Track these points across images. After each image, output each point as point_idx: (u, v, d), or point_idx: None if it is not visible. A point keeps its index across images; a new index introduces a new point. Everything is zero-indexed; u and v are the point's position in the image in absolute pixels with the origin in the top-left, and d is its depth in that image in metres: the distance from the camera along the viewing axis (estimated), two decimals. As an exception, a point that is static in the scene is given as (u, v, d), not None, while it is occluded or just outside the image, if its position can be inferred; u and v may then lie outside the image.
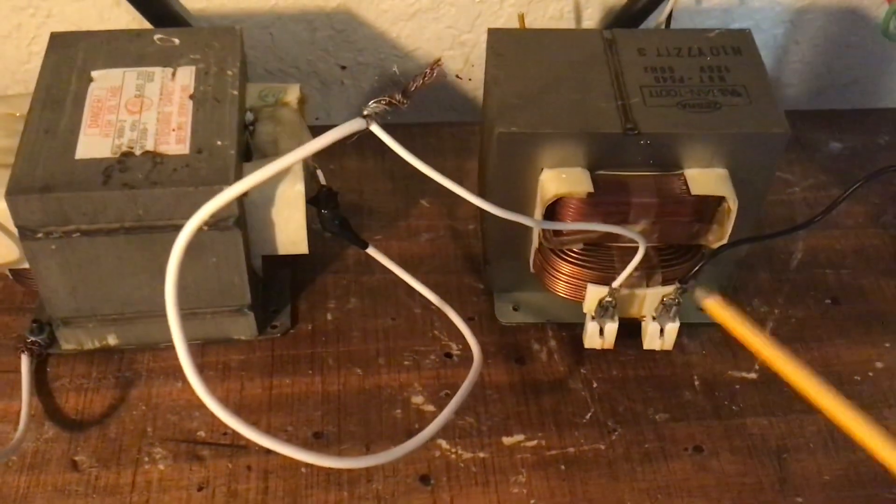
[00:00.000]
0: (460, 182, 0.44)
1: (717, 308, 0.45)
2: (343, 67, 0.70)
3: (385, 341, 0.54)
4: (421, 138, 0.67)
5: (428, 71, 0.36)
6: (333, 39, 0.68)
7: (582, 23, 0.69)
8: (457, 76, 0.71)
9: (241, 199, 0.48)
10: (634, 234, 0.47)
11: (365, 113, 0.37)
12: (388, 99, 0.36)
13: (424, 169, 0.40)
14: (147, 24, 0.64)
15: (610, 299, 0.50)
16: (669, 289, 0.50)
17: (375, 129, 0.37)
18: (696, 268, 0.49)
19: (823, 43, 0.73)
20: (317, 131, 0.56)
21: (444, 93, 0.72)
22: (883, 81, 0.77)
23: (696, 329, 0.55)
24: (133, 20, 0.64)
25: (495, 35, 0.53)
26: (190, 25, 0.65)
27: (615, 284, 0.49)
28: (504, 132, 0.48)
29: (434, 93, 0.71)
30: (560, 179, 0.48)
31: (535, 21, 0.68)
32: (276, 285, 0.56)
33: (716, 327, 0.55)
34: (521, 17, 0.61)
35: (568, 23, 0.69)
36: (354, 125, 0.36)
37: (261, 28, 0.67)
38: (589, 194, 0.48)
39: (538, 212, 0.49)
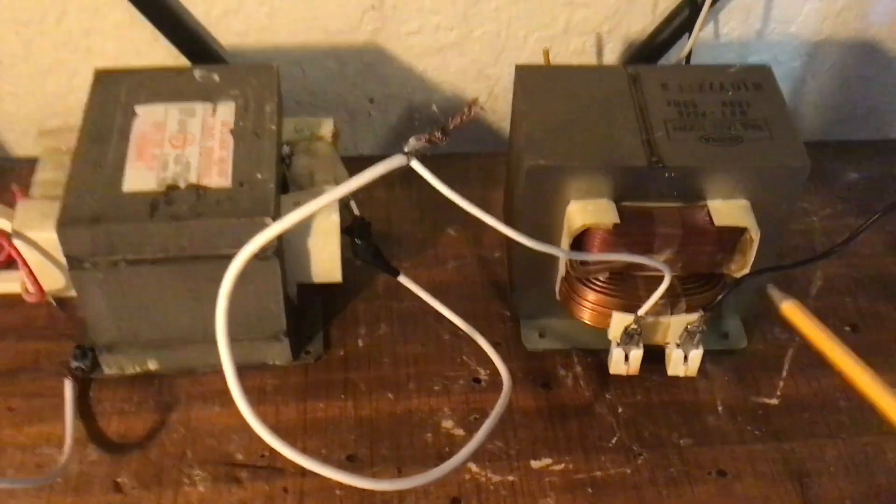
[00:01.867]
0: (486, 211, 0.46)
1: (794, 313, 0.47)
2: (371, 100, 0.72)
3: (415, 366, 0.56)
4: (447, 169, 0.68)
5: (466, 109, 0.38)
6: (362, 73, 0.70)
7: (603, 57, 0.71)
8: (481, 108, 0.73)
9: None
10: (660, 264, 0.49)
11: (406, 150, 0.38)
12: (428, 136, 0.38)
13: (460, 201, 0.42)
14: (184, 60, 0.66)
15: (635, 327, 0.51)
16: (694, 316, 0.51)
17: (416, 165, 0.39)
18: (721, 296, 0.51)
19: (840, 75, 0.75)
20: (347, 161, 0.59)
21: (469, 124, 0.74)
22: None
23: (719, 356, 0.57)
24: (169, 56, 0.67)
25: (523, 71, 0.55)
26: (225, 61, 0.67)
27: (641, 312, 0.50)
28: (533, 165, 0.49)
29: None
30: (587, 211, 0.50)
31: (559, 56, 0.70)
32: (310, 312, 0.57)
33: (738, 354, 0.57)
34: (546, 53, 0.63)
35: (590, 57, 0.71)
36: (395, 161, 0.38)
37: (291, 62, 0.69)
38: (615, 225, 0.50)
39: (565, 242, 0.51)
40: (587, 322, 0.54)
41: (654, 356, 0.54)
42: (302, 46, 0.68)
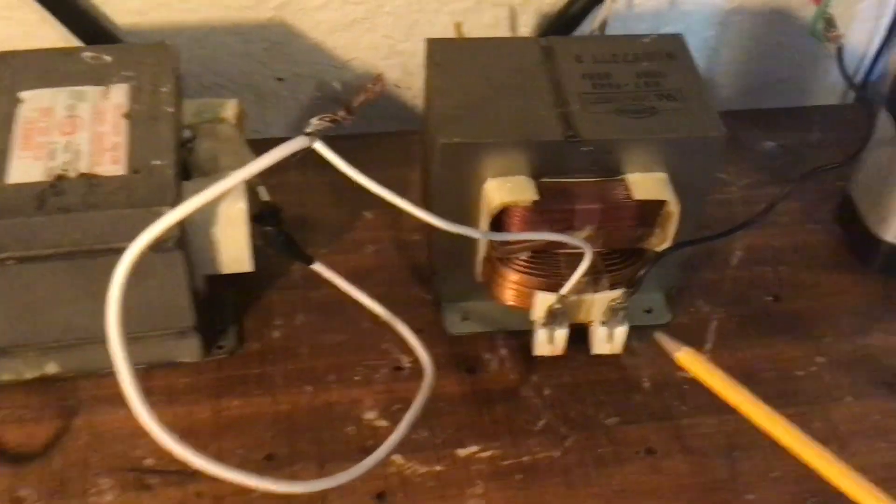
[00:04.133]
0: (404, 193, 0.44)
1: (689, 361, 0.46)
2: (280, 79, 0.69)
3: (335, 357, 0.53)
4: (363, 150, 0.65)
5: (370, 86, 0.36)
6: (269, 52, 0.67)
7: (517, 30, 0.70)
8: (395, 86, 0.71)
9: (182, 220, 0.47)
10: (580, 242, 0.47)
11: (308, 131, 0.36)
12: (331, 116, 0.36)
13: (369, 184, 0.40)
14: (76, 42, 0.62)
15: (559, 306, 0.50)
16: (617, 293, 0.50)
17: (319, 146, 0.37)
18: (642, 272, 0.50)
19: (754, 43, 0.75)
20: (255, 145, 0.56)
21: (384, 102, 0.72)
22: (814, 79, 0.79)
23: (644, 331, 0.56)
24: (61, 38, 0.63)
25: (434, 45, 0.53)
26: (121, 42, 0.63)
27: (563, 291, 0.49)
28: (447, 143, 0.47)
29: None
30: (505, 188, 0.48)
31: (472, 29, 0.68)
32: (222, 304, 0.54)
33: (662, 329, 0.56)
34: (458, 26, 0.61)
35: (503, 30, 0.69)
36: (298, 143, 0.36)
37: (193, 42, 0.65)
38: (534, 202, 0.48)
39: (484, 222, 0.49)
40: (511, 303, 0.53)
41: (579, 335, 0.53)
42: (203, 24, 0.65)
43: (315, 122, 0.36)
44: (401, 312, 0.55)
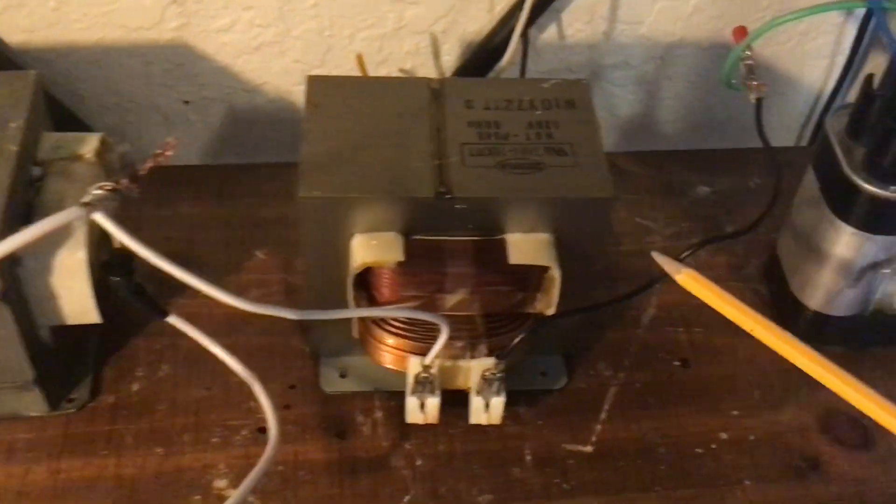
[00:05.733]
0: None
1: (691, 283, 0.44)
2: (186, 102, 0.66)
3: (195, 415, 0.50)
4: (259, 181, 0.62)
5: (159, 151, 0.32)
6: (172, 73, 0.64)
7: (441, 58, 0.65)
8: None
9: (13, 269, 0.43)
10: (436, 318, 0.43)
11: (85, 201, 0.32)
12: (112, 185, 0.32)
13: (149, 256, 0.36)
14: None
15: (426, 375, 0.46)
16: (489, 362, 0.46)
17: (100, 218, 0.33)
18: (516, 340, 0.46)
19: (696, 79, 0.70)
20: (164, 172, 0.52)
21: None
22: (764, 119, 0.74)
23: (536, 397, 0.52)
24: (-57, 54, 0.59)
25: (314, 84, 0.49)
26: (14, 62, 0.60)
27: (426, 361, 0.45)
28: (306, 196, 0.44)
29: (277, 133, 0.67)
30: (370, 247, 0.45)
31: (392, 56, 0.65)
32: (80, 353, 0.51)
33: (556, 394, 0.53)
34: (360, 59, 0.57)
35: (425, 58, 0.65)
36: (70, 215, 0.32)
37: (89, 62, 0.62)
38: (399, 263, 0.44)
39: (348, 281, 0.45)
40: (388, 365, 0.49)
41: (462, 399, 0.49)
42: (99, 44, 0.61)
43: (94, 192, 0.33)
44: (276, 365, 0.52)
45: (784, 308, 0.56)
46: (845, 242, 0.50)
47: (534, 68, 0.67)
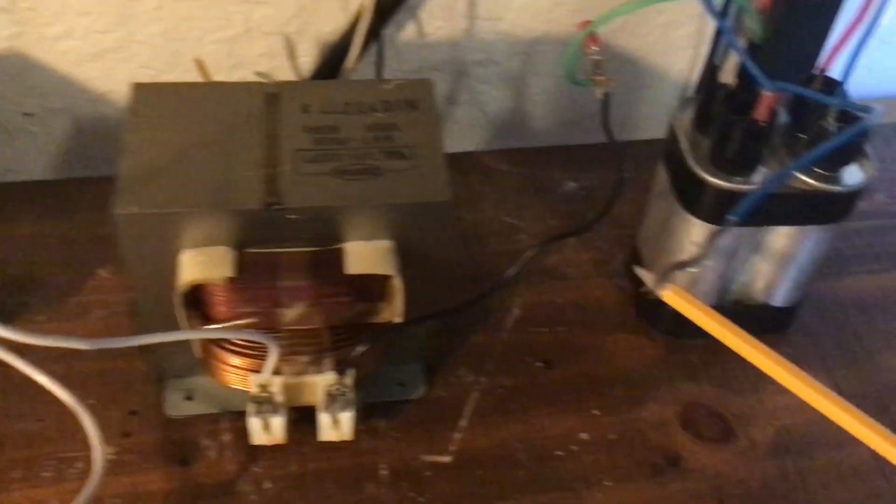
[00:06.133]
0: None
1: (674, 299, 0.45)
2: (28, 115, 0.62)
3: (26, 449, 0.47)
4: (104, 195, 0.59)
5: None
6: (8, 85, 0.60)
7: (297, 59, 0.63)
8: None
9: None
10: (263, 337, 0.41)
11: None
12: None
13: None
14: None
15: (265, 394, 0.44)
16: (331, 378, 0.44)
17: None
18: (354, 355, 0.44)
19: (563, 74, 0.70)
20: (10, 189, 0.48)
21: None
22: (633, 112, 0.74)
23: (394, 408, 0.50)
24: None
25: (139, 91, 0.46)
26: None
27: (261, 380, 0.43)
28: (122, 213, 0.41)
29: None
30: (197, 263, 0.42)
31: (245, 58, 0.62)
32: None
33: (416, 404, 0.51)
34: (200, 63, 0.54)
35: (280, 60, 0.63)
36: None
37: (-87, 74, 0.58)
38: (230, 278, 0.42)
39: (176, 299, 0.43)
40: (233, 386, 0.47)
41: (312, 416, 0.47)
42: (-79, 55, 0.57)
43: None
44: (116, 392, 0.49)
45: (645, 303, 0.56)
46: (696, 235, 0.49)
47: (397, 67, 0.65)
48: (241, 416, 0.48)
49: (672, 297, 0.46)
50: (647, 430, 0.51)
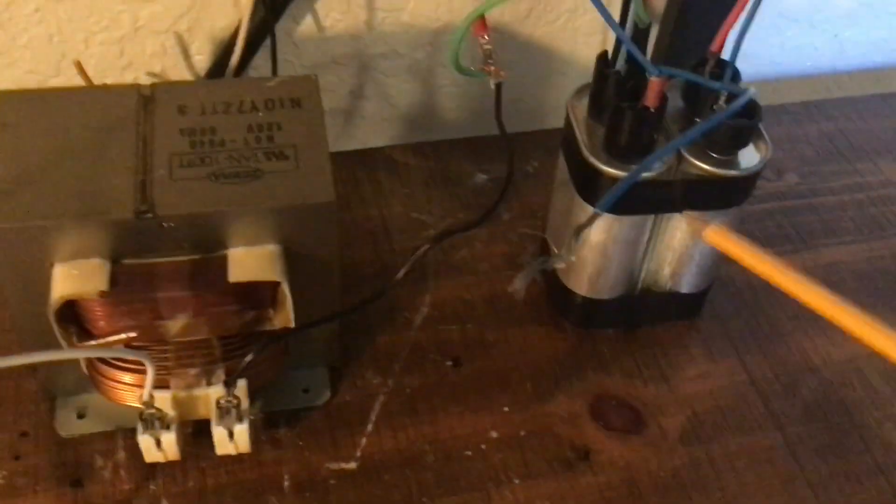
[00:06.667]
0: None
1: (717, 238, 0.42)
2: None
3: None
4: None
5: None
6: None
7: (192, 57, 0.61)
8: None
9: None
10: (137, 354, 0.39)
11: None
12: None
13: None
14: None
15: (151, 411, 0.42)
16: (219, 390, 0.43)
17: None
18: (244, 363, 0.42)
19: (468, 61, 0.68)
20: None
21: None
22: (545, 99, 0.73)
23: (298, 415, 0.49)
24: None
25: (5, 100, 0.44)
26: None
27: (144, 398, 0.41)
28: (-18, 228, 0.39)
29: None
30: (70, 277, 0.40)
31: (136, 59, 0.60)
32: None
33: (320, 410, 0.50)
34: (79, 65, 0.52)
35: (173, 60, 0.61)
36: None
37: None
38: (105, 292, 0.40)
39: (50, 315, 0.41)
40: (125, 403, 0.45)
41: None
42: None
43: None
44: (5, 412, 0.47)
45: (556, 296, 0.55)
46: (596, 226, 0.48)
47: (297, 62, 0.63)
48: (135, 432, 0.47)
49: (715, 236, 0.43)
50: (558, 423, 0.50)
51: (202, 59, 0.61)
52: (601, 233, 0.48)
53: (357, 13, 0.62)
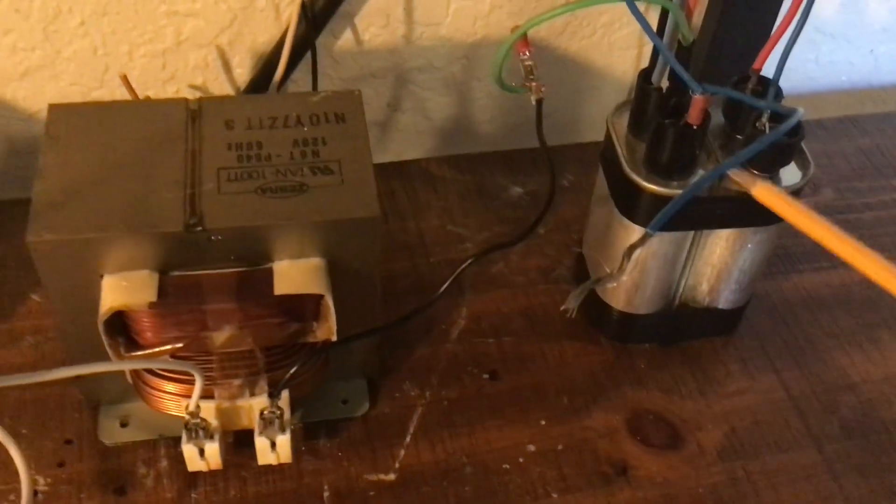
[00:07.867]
0: None
1: (766, 195, 0.42)
2: (-46, 138, 0.60)
3: (-46, 484, 0.45)
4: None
5: None
6: (-68, 107, 0.58)
7: (233, 71, 0.62)
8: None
9: None
10: (185, 365, 0.40)
11: None
12: None
13: None
14: None
15: (196, 421, 0.43)
16: (263, 401, 0.43)
17: None
18: (287, 377, 0.43)
19: (507, 76, 0.69)
20: None
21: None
22: (580, 113, 0.73)
23: (337, 426, 0.49)
24: None
25: (55, 113, 0.45)
26: None
27: (191, 408, 0.42)
28: (36, 241, 0.40)
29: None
30: (119, 288, 0.41)
31: (178, 72, 0.61)
32: None
33: (360, 421, 0.50)
34: (125, 79, 0.53)
35: (215, 72, 0.61)
36: None
37: None
38: (154, 303, 0.41)
39: (99, 325, 0.41)
40: (169, 412, 0.45)
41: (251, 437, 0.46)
42: None
43: None
44: (49, 420, 0.48)
45: (593, 310, 0.55)
46: (635, 241, 0.49)
47: (336, 76, 0.64)
48: (178, 441, 0.47)
49: (764, 193, 0.43)
50: (595, 438, 0.50)
51: (243, 73, 0.62)
52: (641, 248, 0.49)
53: (396, 27, 0.63)
